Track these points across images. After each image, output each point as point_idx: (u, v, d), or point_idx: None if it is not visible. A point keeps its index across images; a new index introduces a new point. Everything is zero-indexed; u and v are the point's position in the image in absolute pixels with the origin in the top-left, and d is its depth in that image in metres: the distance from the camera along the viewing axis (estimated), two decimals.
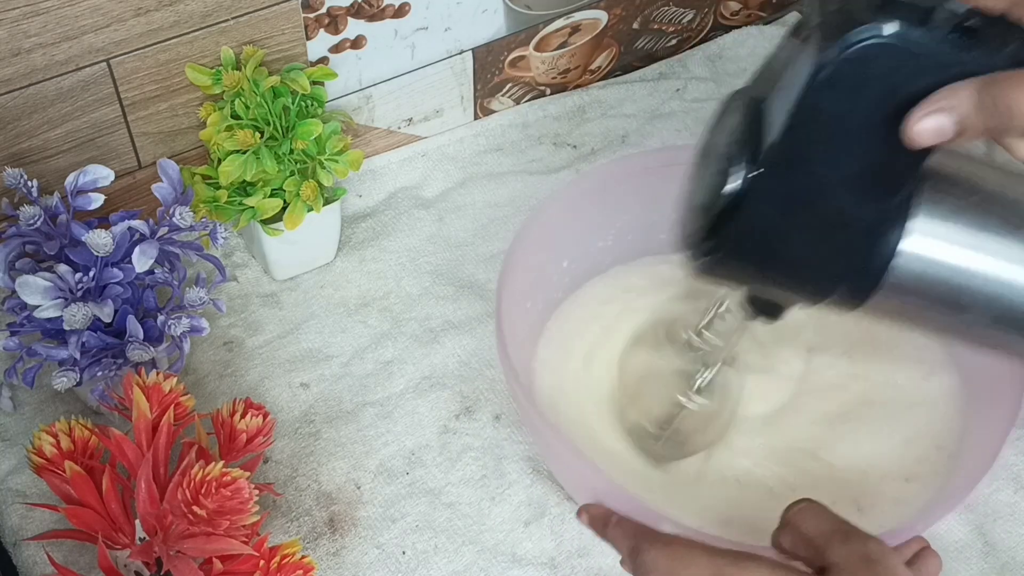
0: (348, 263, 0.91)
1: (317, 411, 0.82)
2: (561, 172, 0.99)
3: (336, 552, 0.74)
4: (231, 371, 0.84)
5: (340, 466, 0.79)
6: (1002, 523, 0.77)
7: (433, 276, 0.91)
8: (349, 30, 0.89)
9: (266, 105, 0.81)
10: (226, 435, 0.72)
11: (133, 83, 0.82)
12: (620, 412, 0.78)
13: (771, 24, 1.13)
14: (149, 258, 0.73)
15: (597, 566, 0.74)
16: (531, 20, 0.98)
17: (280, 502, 0.76)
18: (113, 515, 0.68)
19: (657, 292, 0.84)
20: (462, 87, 0.99)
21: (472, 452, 0.79)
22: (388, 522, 0.76)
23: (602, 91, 1.05)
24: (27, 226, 0.74)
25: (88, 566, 0.72)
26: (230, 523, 0.64)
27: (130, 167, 0.87)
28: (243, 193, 0.83)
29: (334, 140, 0.84)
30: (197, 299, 0.76)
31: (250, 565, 0.66)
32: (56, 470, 0.69)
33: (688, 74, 1.08)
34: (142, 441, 0.68)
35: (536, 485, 0.77)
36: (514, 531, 0.75)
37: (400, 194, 0.97)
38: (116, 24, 0.78)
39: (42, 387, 0.81)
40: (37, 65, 0.77)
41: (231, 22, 0.83)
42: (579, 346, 0.82)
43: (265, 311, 0.88)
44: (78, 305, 0.71)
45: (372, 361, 0.85)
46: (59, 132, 0.81)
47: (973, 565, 0.74)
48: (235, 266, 0.91)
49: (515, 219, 0.95)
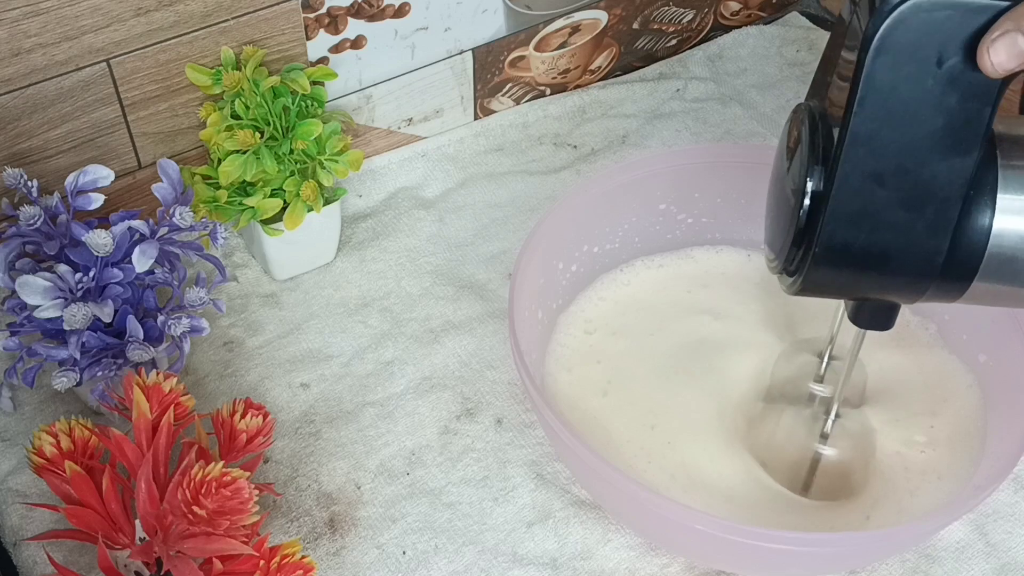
0: (348, 263, 0.91)
1: (317, 411, 0.82)
2: (561, 172, 0.99)
3: (336, 552, 0.74)
4: (231, 371, 0.84)
5: (340, 466, 0.79)
6: (1003, 523, 0.76)
7: (433, 276, 0.91)
8: (349, 30, 0.89)
9: (266, 105, 0.81)
10: (226, 435, 0.72)
11: (133, 83, 0.82)
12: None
13: (771, 24, 1.14)
14: (149, 258, 0.73)
15: (600, 568, 0.74)
16: (531, 20, 0.98)
17: (280, 502, 0.76)
18: (113, 515, 0.68)
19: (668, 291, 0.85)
20: (462, 87, 0.99)
21: (473, 453, 0.79)
22: (388, 522, 0.76)
23: (602, 91, 1.05)
24: (27, 226, 0.74)
25: (88, 566, 0.72)
26: (230, 523, 0.64)
27: (130, 167, 0.87)
28: (243, 193, 0.83)
29: (334, 140, 0.84)
30: (197, 299, 0.76)
31: (250, 565, 0.66)
32: (56, 470, 0.69)
33: (688, 74, 1.08)
34: (142, 441, 0.68)
35: (540, 489, 0.77)
36: (515, 531, 0.75)
37: (400, 194, 0.97)
38: (116, 24, 0.78)
39: (42, 387, 0.81)
40: (37, 65, 0.77)
41: (231, 22, 0.83)
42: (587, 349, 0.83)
43: (265, 311, 0.88)
44: (78, 305, 0.71)
45: (372, 361, 0.85)
46: (59, 132, 0.81)
47: (973, 565, 0.74)
48: (235, 266, 0.91)
49: (515, 219, 0.95)
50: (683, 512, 0.66)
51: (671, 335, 0.83)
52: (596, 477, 0.70)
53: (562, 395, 0.80)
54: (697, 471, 0.75)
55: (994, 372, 0.78)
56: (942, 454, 0.77)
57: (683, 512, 0.66)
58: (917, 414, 0.79)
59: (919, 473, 0.76)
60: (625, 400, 0.79)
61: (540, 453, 0.79)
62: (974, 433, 0.77)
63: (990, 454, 0.75)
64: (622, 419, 0.78)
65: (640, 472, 0.75)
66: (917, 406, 0.79)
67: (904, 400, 0.80)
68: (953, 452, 0.77)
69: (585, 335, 0.83)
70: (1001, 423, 0.75)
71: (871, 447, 0.75)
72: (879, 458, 0.76)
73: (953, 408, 0.79)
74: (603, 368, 0.81)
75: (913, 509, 0.74)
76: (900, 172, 0.54)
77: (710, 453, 0.76)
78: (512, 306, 0.74)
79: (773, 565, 0.71)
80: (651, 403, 0.79)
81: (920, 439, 0.77)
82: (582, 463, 0.69)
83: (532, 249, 0.77)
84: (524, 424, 0.81)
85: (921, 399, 0.80)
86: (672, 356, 0.82)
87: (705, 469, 0.75)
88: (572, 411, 0.79)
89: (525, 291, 0.76)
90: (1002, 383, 0.77)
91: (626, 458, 0.76)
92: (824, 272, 0.58)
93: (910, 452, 0.77)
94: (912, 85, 0.53)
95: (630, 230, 0.85)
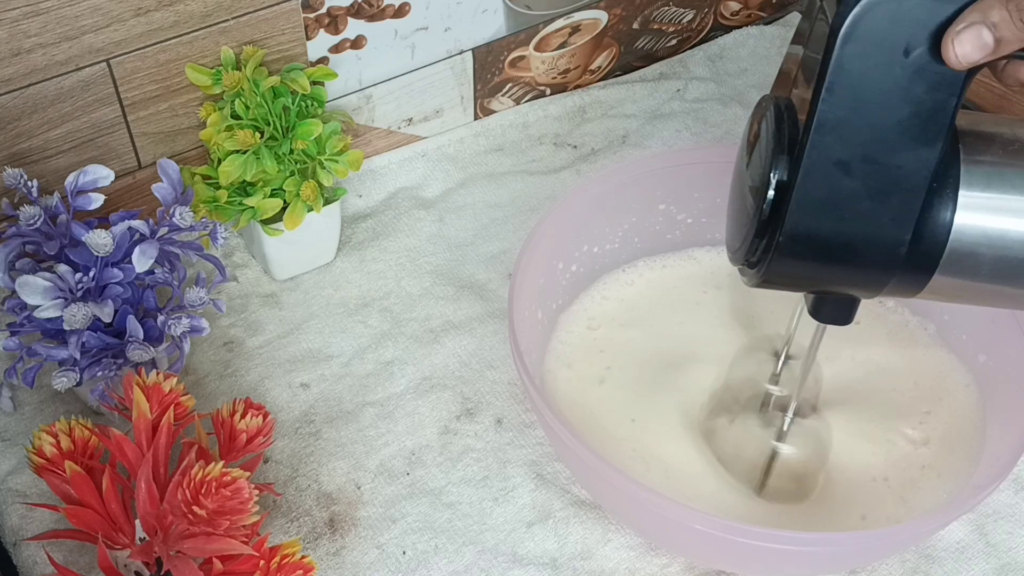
0: (348, 263, 0.91)
1: (317, 411, 0.82)
2: (561, 172, 0.99)
3: (336, 552, 0.74)
4: (231, 371, 0.84)
5: (340, 466, 0.79)
6: (1003, 523, 0.76)
7: (433, 276, 0.91)
8: (349, 30, 0.89)
9: (266, 105, 0.81)
10: (226, 435, 0.72)
11: (133, 83, 0.82)
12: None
13: (771, 24, 1.13)
14: (149, 258, 0.73)
15: (600, 568, 0.74)
16: (531, 20, 0.98)
17: (280, 502, 0.76)
18: (113, 515, 0.68)
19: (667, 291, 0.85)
20: (462, 87, 0.99)
21: (473, 453, 0.79)
22: (388, 522, 0.76)
23: (602, 91, 1.05)
24: (27, 226, 0.74)
25: (88, 566, 0.72)
26: (230, 523, 0.64)
27: (130, 167, 0.86)
28: (243, 193, 0.83)
29: (334, 140, 0.84)
30: (197, 299, 0.76)
31: (250, 565, 0.66)
32: (56, 470, 0.69)
33: (688, 74, 1.08)
34: (142, 441, 0.68)
35: (540, 489, 0.77)
36: (515, 531, 0.75)
37: (400, 194, 0.97)
38: (116, 24, 0.78)
39: (42, 387, 0.81)
40: (37, 65, 0.77)
41: (231, 22, 0.83)
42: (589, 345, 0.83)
43: (265, 311, 0.88)
44: (78, 305, 0.71)
45: (372, 361, 0.85)
46: (59, 132, 0.81)
47: (974, 565, 0.74)
48: (235, 266, 0.91)
49: (515, 219, 0.95)
50: (683, 512, 0.66)
51: (670, 331, 0.83)
52: (596, 477, 0.70)
53: (561, 393, 0.80)
54: (676, 467, 0.76)
55: (994, 372, 0.78)
56: (940, 453, 0.77)
57: (683, 512, 0.66)
58: (913, 413, 0.79)
59: (918, 470, 0.76)
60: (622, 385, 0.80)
61: (540, 453, 0.79)
62: (973, 433, 0.77)
63: (990, 453, 0.75)
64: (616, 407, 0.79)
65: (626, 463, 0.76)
66: (913, 405, 0.79)
67: (901, 399, 0.80)
68: (952, 451, 0.77)
69: (588, 331, 0.83)
70: (1001, 423, 0.75)
71: (826, 450, 0.76)
72: (873, 458, 0.76)
73: (950, 407, 0.79)
74: (605, 357, 0.82)
75: (912, 509, 0.74)
76: (866, 161, 0.54)
77: (684, 449, 0.77)
78: (512, 305, 0.74)
79: (773, 565, 0.71)
80: (642, 394, 0.80)
81: (916, 437, 0.77)
82: (582, 463, 0.69)
83: (533, 248, 0.77)
84: (524, 424, 0.81)
85: (919, 398, 0.80)
86: (668, 352, 0.82)
87: (676, 463, 0.76)
88: (571, 408, 0.79)
89: (525, 290, 0.76)
90: (1002, 383, 0.77)
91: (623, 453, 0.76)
92: (787, 263, 0.58)
93: (908, 451, 0.77)
94: (880, 74, 0.53)
95: (630, 230, 0.85)
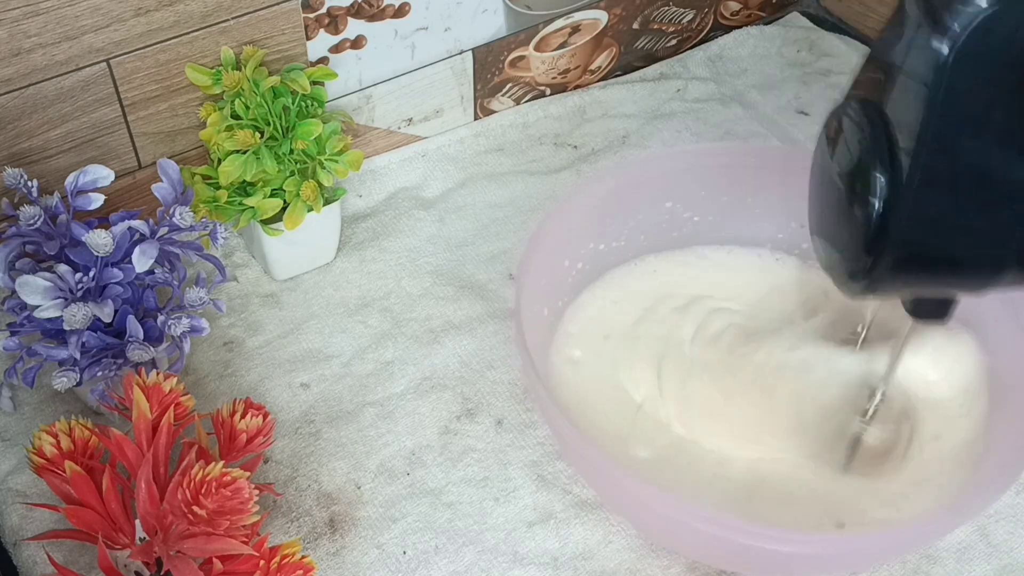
0: (348, 263, 0.91)
1: (317, 411, 0.82)
2: (562, 172, 0.99)
3: (336, 552, 0.74)
4: (231, 371, 0.84)
5: (340, 466, 0.79)
6: (1004, 524, 0.76)
7: (433, 276, 0.91)
8: (349, 30, 0.89)
9: (266, 105, 0.81)
10: (226, 435, 0.72)
11: (133, 83, 0.82)
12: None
13: (771, 24, 1.13)
14: (149, 258, 0.73)
15: (601, 568, 0.74)
16: (531, 20, 0.98)
17: (280, 502, 0.76)
18: (113, 515, 0.68)
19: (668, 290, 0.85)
20: (462, 87, 0.99)
21: (474, 453, 0.79)
22: (388, 522, 0.76)
23: (602, 91, 1.05)
24: (27, 226, 0.74)
25: (88, 566, 0.72)
26: (230, 523, 0.64)
27: (130, 167, 0.86)
28: (243, 193, 0.83)
29: (334, 140, 0.84)
30: (197, 299, 0.76)
31: (250, 565, 0.66)
32: (56, 470, 0.69)
33: (688, 74, 1.08)
34: (142, 441, 0.68)
35: (541, 490, 0.77)
36: (516, 531, 0.75)
37: (400, 194, 0.97)
38: (116, 24, 0.78)
39: (42, 387, 0.81)
40: (37, 65, 0.77)
41: (231, 22, 0.83)
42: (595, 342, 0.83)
43: (265, 311, 0.88)
44: (78, 305, 0.71)
45: (372, 361, 0.85)
46: (59, 132, 0.81)
47: (975, 566, 0.74)
48: (235, 266, 0.91)
49: (515, 219, 0.95)
50: (683, 511, 0.66)
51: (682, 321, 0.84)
52: (600, 474, 0.70)
53: (566, 389, 0.80)
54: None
55: (995, 372, 0.78)
56: (940, 453, 0.77)
57: (683, 511, 0.66)
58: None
59: (920, 471, 0.76)
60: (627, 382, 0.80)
61: (541, 453, 0.79)
62: (977, 434, 0.77)
63: (993, 455, 0.74)
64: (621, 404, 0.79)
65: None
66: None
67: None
68: (954, 453, 0.77)
69: (594, 327, 0.83)
70: (1005, 425, 0.75)
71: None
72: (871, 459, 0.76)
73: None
74: (610, 354, 0.82)
75: (911, 511, 0.74)
76: (981, 178, 0.54)
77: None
78: (519, 295, 0.73)
79: (774, 565, 0.71)
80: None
81: (919, 438, 0.77)
82: (585, 461, 0.69)
83: (537, 245, 0.77)
84: (525, 424, 0.81)
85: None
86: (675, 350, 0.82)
87: None
88: (577, 405, 0.79)
89: (529, 286, 0.76)
90: (1004, 383, 0.77)
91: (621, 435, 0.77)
92: (894, 275, 0.58)
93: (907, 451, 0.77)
94: (993, 92, 0.52)
95: (636, 228, 0.85)
